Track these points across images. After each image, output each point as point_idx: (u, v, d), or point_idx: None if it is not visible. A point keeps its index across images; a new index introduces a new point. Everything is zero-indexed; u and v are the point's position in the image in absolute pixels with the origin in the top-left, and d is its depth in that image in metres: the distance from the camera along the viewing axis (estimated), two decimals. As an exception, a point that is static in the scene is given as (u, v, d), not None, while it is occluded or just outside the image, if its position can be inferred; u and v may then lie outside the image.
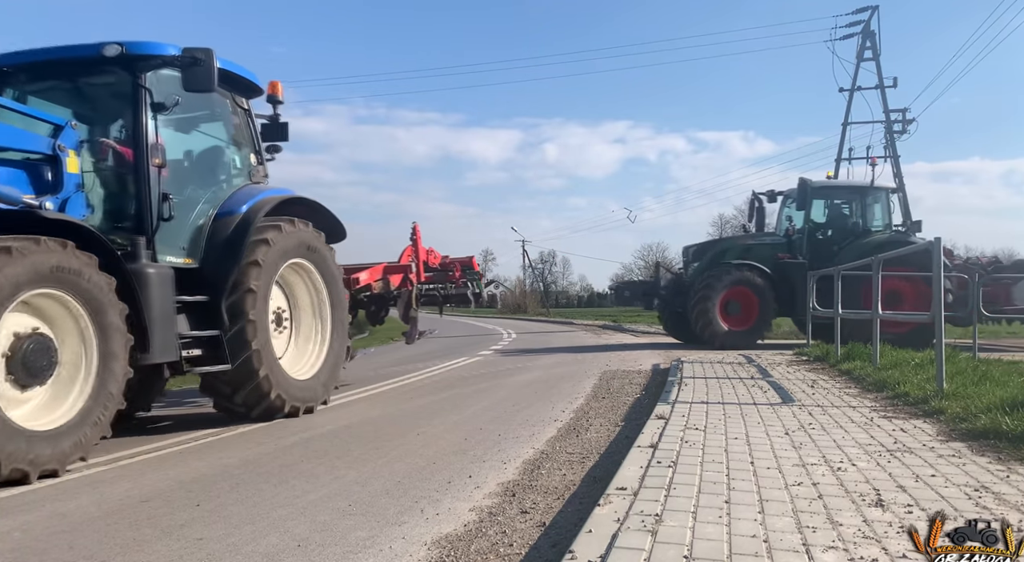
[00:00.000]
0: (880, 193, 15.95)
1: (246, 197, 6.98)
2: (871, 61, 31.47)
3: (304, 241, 7.36)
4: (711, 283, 14.64)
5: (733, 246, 15.71)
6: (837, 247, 15.31)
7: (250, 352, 6.41)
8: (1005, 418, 4.75)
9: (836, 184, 16.08)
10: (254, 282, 6.52)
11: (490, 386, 9.54)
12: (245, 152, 7.54)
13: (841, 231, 15.75)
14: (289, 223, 7.11)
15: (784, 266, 14.98)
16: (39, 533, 3.64)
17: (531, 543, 3.30)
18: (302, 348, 7.57)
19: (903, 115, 31.80)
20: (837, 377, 8.56)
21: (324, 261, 7.67)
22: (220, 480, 4.64)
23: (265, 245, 6.69)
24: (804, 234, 15.44)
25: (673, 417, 5.69)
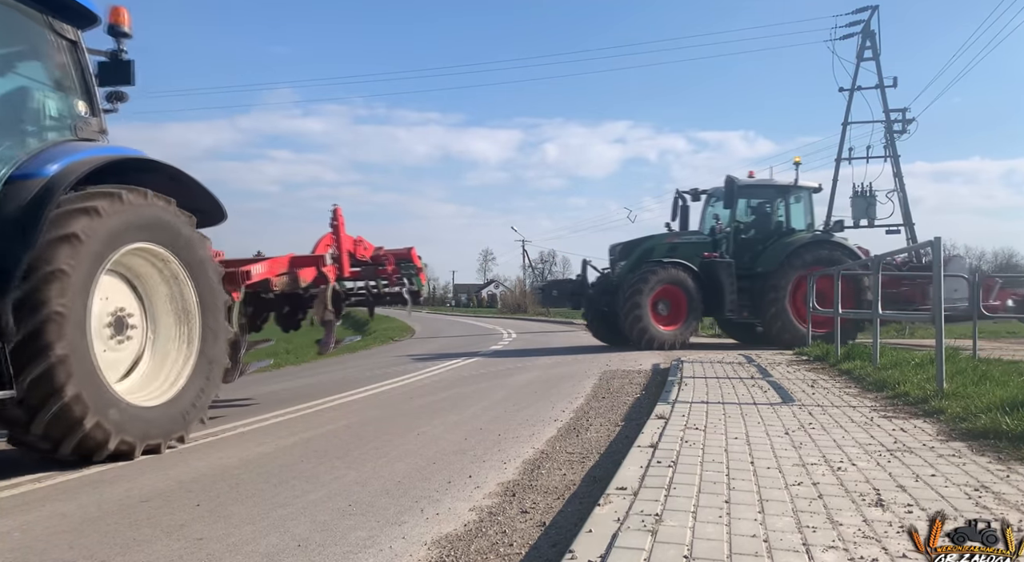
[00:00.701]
0: (803, 193, 15.95)
1: (60, 155, 5.17)
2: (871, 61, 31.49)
3: (158, 220, 5.54)
4: (641, 282, 14.34)
5: (659, 244, 15.38)
6: (762, 246, 15.36)
7: (50, 362, 4.58)
8: (1005, 418, 4.75)
9: (761, 183, 15.99)
10: (65, 262, 4.72)
11: (490, 386, 9.53)
12: (68, 98, 5.71)
13: (765, 230, 15.75)
14: (135, 193, 5.34)
15: (710, 265, 14.86)
16: (39, 533, 3.63)
17: (531, 543, 3.30)
18: (158, 364, 5.80)
19: (903, 115, 31.81)
20: (837, 377, 8.56)
21: (190, 249, 5.85)
22: (220, 480, 4.64)
23: (86, 216, 4.92)
24: (730, 233, 15.39)
25: (673, 417, 5.69)
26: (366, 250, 9.77)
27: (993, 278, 17.01)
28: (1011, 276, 16.51)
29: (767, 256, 15.14)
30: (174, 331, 5.92)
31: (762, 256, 15.24)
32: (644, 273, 14.44)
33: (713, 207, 16.29)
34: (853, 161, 31.97)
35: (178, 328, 5.93)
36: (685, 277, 14.59)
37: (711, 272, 14.80)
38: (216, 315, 6.17)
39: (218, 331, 6.19)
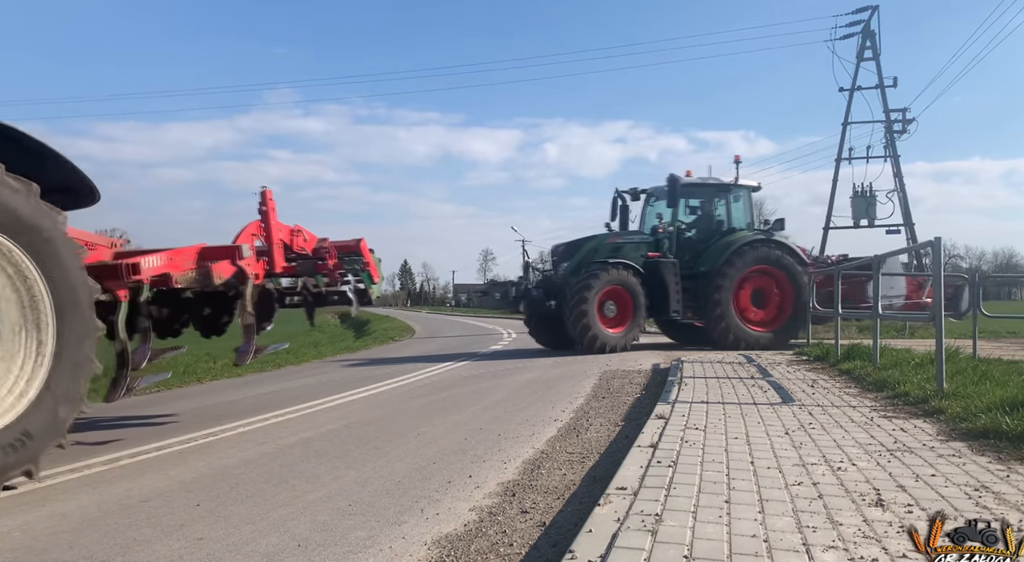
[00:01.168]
0: (743, 191, 15.64)
1: None
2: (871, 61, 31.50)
3: None
4: (588, 283, 13.76)
5: (602, 245, 14.74)
6: (703, 246, 15.04)
7: None
8: (1005, 418, 4.75)
9: (702, 182, 15.48)
10: None
11: (490, 386, 9.53)
12: None
13: (706, 230, 15.43)
14: None
15: (655, 265, 14.44)
16: (39, 533, 3.64)
17: (531, 543, 3.30)
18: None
19: (903, 115, 31.81)
20: (837, 377, 8.55)
21: (38, 235, 4.61)
22: (220, 480, 4.64)
23: None
24: (674, 232, 15.00)
25: (673, 417, 5.69)
26: (307, 242, 8.27)
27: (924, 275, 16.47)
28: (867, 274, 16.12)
29: (709, 255, 14.78)
30: (17, 340, 4.57)
31: (704, 255, 14.89)
32: (591, 274, 13.87)
33: (653, 206, 15.88)
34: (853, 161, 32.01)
35: (20, 336, 4.59)
36: (631, 278, 14.09)
37: (656, 272, 14.38)
38: (79, 321, 4.88)
39: (84, 340, 4.90)
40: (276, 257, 7.69)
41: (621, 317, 14.17)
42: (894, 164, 31.62)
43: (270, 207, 7.64)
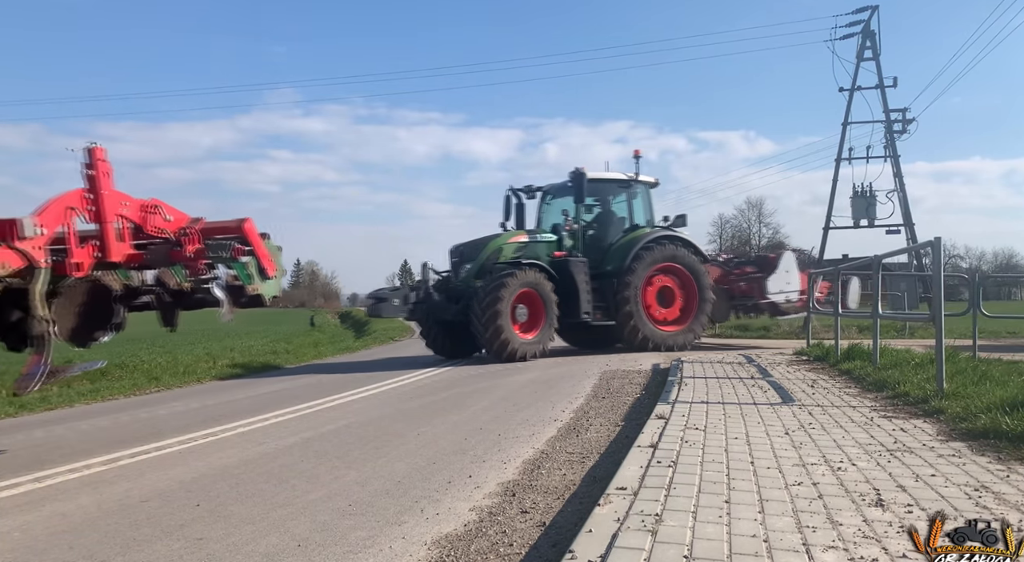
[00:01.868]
0: (642, 187, 15.05)
1: None
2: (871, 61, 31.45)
3: None
4: (502, 284, 12.41)
5: (506, 245, 13.66)
6: (607, 244, 14.43)
7: None
8: (1005, 418, 4.75)
9: (604, 178, 14.63)
10: None
11: (490, 386, 9.53)
12: None
13: (609, 227, 14.81)
14: None
15: (564, 265, 13.51)
16: (39, 533, 3.64)
17: (531, 543, 3.30)
18: None
19: (903, 115, 31.75)
20: (837, 377, 8.55)
21: None
22: (220, 480, 4.64)
23: None
24: (580, 230, 14.14)
25: (673, 417, 5.69)
26: (169, 223, 6.20)
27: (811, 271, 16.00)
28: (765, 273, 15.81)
29: (615, 254, 14.12)
30: None
31: (609, 254, 14.21)
32: (504, 275, 12.58)
33: (550, 204, 15.03)
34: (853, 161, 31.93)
35: None
36: (543, 279, 13.04)
37: (566, 273, 13.45)
38: None
39: None
40: (110, 241, 5.76)
41: (533, 321, 13.02)
42: (894, 164, 31.60)
43: (100, 171, 5.63)
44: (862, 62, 31.59)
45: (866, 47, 31.37)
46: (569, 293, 13.38)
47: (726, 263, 16.39)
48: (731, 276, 15.70)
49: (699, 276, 14.23)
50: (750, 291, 15.28)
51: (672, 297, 14.25)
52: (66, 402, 8.91)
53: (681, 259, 14.13)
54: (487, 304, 12.27)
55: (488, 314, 12.25)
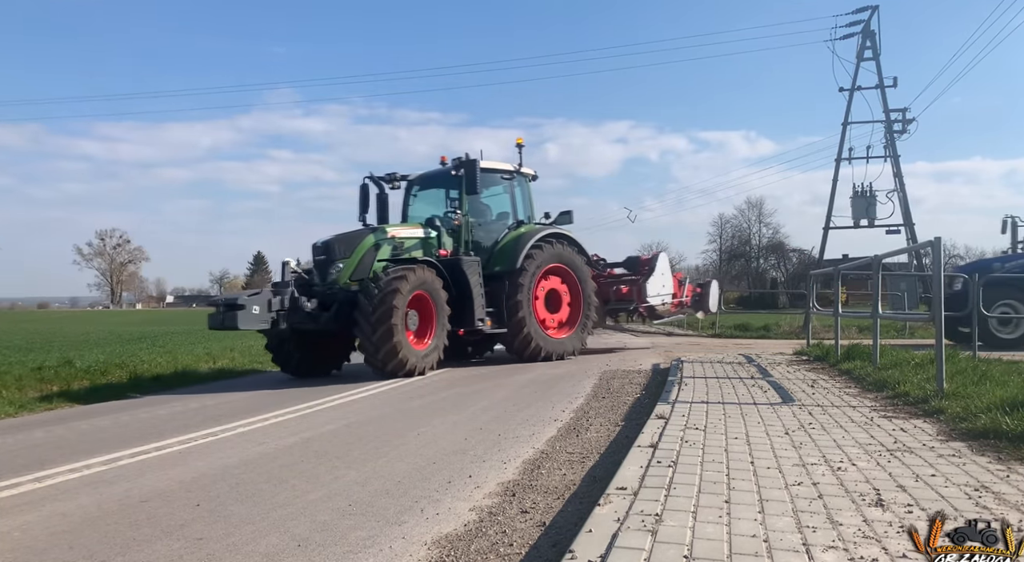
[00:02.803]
0: (524, 180, 13.68)
1: None
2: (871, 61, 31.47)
3: None
4: (395, 289, 10.21)
5: (385, 240, 11.56)
6: (492, 241, 12.85)
7: None
8: (1005, 418, 4.75)
9: (492, 167, 12.93)
10: None
11: (490, 386, 9.53)
12: None
13: (494, 222, 13.34)
14: None
15: (454, 265, 11.76)
16: (39, 533, 3.64)
17: (531, 543, 3.30)
18: None
19: (903, 115, 31.78)
20: (837, 377, 8.55)
21: None
22: (220, 480, 4.64)
23: None
24: (468, 225, 12.38)
25: (673, 417, 5.69)
26: None
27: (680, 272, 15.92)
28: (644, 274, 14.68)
29: (503, 253, 12.52)
30: None
31: (497, 253, 12.60)
32: (396, 276, 10.45)
33: (417, 196, 13.33)
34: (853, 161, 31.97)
35: None
36: (436, 281, 11.14)
37: (457, 273, 11.68)
38: None
39: None
40: None
41: (424, 329, 11.10)
42: (894, 164, 31.63)
43: None
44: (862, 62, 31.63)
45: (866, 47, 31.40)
46: (461, 297, 11.61)
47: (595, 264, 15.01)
48: (601, 278, 14.60)
49: (584, 278, 13.31)
50: (630, 294, 14.54)
51: (559, 301, 13.11)
52: (66, 402, 8.91)
53: (568, 260, 13.07)
54: (379, 309, 10.08)
55: (380, 321, 10.06)
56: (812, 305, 13.00)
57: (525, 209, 13.55)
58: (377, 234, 11.67)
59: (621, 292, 14.66)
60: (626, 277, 15.04)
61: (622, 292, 14.65)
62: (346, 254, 11.22)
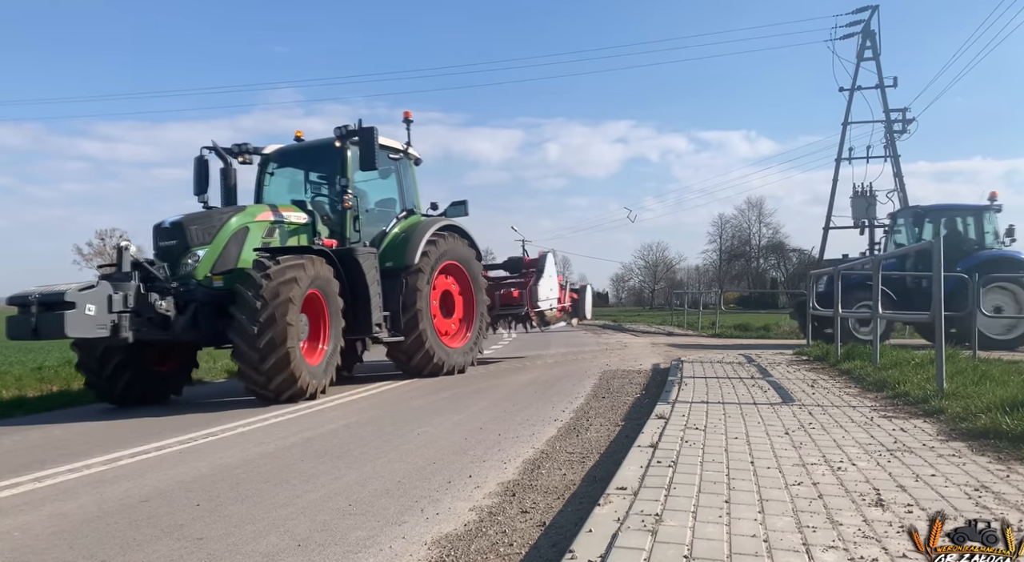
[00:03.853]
0: (410, 162, 11.55)
1: None
2: (871, 61, 31.49)
3: None
4: (284, 298, 7.80)
5: (253, 224, 8.99)
6: (382, 231, 10.68)
7: None
8: (1005, 418, 4.76)
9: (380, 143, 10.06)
10: None
11: (490, 386, 9.53)
12: None
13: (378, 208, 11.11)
14: None
15: (348, 256, 9.38)
16: (39, 533, 3.64)
17: (531, 543, 3.30)
18: None
19: (903, 115, 31.81)
20: (837, 377, 8.56)
21: None
22: (220, 480, 4.64)
23: None
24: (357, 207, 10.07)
25: (673, 417, 5.69)
26: None
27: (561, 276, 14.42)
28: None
29: (396, 247, 10.48)
30: None
31: (387, 247, 10.51)
32: (288, 275, 7.96)
33: (274, 175, 10.81)
34: (853, 161, 32.00)
35: None
36: (331, 276, 8.88)
37: (352, 267, 9.33)
38: None
39: None
40: None
41: (315, 338, 8.72)
42: (894, 164, 31.64)
43: None
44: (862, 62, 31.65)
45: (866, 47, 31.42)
46: (354, 297, 9.37)
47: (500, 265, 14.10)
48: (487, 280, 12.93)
49: (477, 277, 11.79)
50: (520, 299, 13.06)
51: (452, 304, 11.48)
52: (66, 402, 8.91)
53: (462, 257, 11.46)
54: (268, 324, 7.62)
55: (269, 337, 7.60)
56: (812, 305, 12.99)
57: (412, 196, 11.45)
58: (244, 216, 8.97)
59: (511, 296, 13.21)
60: (508, 280, 13.69)
61: (512, 296, 13.20)
62: (206, 240, 8.52)
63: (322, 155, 10.48)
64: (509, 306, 13.21)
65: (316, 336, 8.76)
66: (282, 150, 10.92)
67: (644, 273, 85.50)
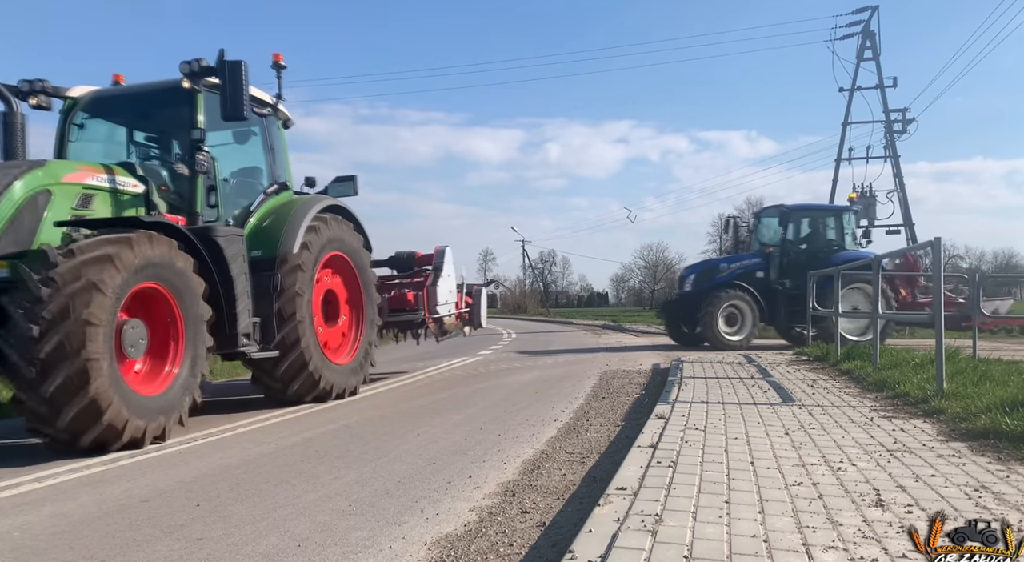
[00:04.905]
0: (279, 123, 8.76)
1: None
2: (871, 61, 31.52)
3: None
4: (86, 284, 5.30)
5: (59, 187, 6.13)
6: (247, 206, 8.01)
7: None
8: (1005, 418, 4.76)
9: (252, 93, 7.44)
10: None
11: (490, 386, 9.53)
12: None
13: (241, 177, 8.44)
14: None
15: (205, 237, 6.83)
16: (39, 533, 3.64)
17: (531, 543, 3.30)
18: None
19: (903, 115, 31.84)
20: (837, 377, 8.56)
21: None
22: (220, 480, 4.64)
23: None
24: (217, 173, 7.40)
25: (673, 417, 5.69)
26: None
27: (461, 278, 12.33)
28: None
29: (265, 231, 7.87)
30: None
31: (258, 231, 7.86)
32: (95, 254, 5.46)
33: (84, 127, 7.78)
34: (853, 161, 32.02)
35: None
36: (185, 266, 6.30)
37: (214, 254, 6.81)
38: None
39: None
40: None
41: (159, 353, 6.17)
42: (894, 164, 31.66)
43: None
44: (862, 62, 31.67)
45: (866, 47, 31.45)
46: (212, 296, 6.70)
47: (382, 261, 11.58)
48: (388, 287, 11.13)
49: (367, 274, 9.21)
50: (416, 303, 10.68)
51: (337, 308, 8.79)
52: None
53: (349, 246, 8.83)
54: (61, 305, 5.20)
55: (57, 329, 5.17)
56: (811, 305, 12.99)
57: (283, 166, 8.68)
58: (40, 176, 6.04)
59: (405, 299, 10.69)
60: (397, 280, 11.32)
61: (407, 299, 10.69)
62: None
63: (155, 105, 7.79)
64: (401, 311, 10.61)
65: (161, 352, 6.16)
66: (96, 95, 7.81)
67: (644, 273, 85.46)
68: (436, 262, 11.22)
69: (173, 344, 6.25)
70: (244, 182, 8.36)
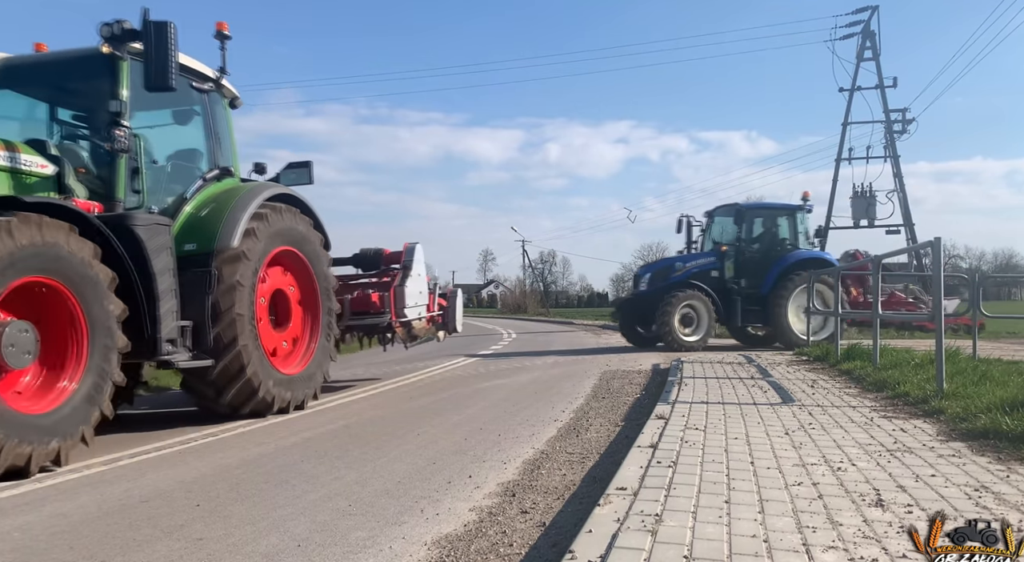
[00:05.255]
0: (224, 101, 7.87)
1: None
2: (871, 61, 31.57)
3: None
4: None
5: None
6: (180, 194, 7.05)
7: None
8: (1005, 418, 4.75)
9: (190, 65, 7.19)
10: None
11: (490, 386, 9.53)
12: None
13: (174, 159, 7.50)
14: None
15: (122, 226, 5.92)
16: (39, 533, 3.63)
17: (531, 543, 3.30)
18: None
19: (903, 115, 31.89)
20: (837, 377, 8.56)
21: None
22: (220, 480, 4.64)
23: None
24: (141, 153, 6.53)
25: (673, 417, 5.69)
26: None
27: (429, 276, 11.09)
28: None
29: (204, 220, 6.96)
30: None
31: (194, 220, 6.97)
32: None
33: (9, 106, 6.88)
34: (853, 161, 32.06)
35: None
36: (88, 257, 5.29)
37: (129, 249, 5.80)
38: None
39: None
40: None
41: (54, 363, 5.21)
42: (894, 164, 31.71)
43: None
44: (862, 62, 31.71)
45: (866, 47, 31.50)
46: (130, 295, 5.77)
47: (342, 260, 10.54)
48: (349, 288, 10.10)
49: (323, 273, 8.23)
50: (382, 305, 9.61)
51: (288, 310, 7.85)
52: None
53: (301, 240, 7.87)
54: None
55: None
56: (811, 305, 12.99)
57: (227, 150, 7.78)
58: None
59: (369, 300, 9.66)
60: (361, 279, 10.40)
61: (371, 300, 9.66)
62: None
63: (75, 75, 6.86)
64: (365, 314, 9.60)
65: (57, 362, 5.19)
66: (8, 63, 6.77)
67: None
68: (405, 260, 10.15)
69: (73, 353, 5.21)
70: (180, 166, 7.38)
